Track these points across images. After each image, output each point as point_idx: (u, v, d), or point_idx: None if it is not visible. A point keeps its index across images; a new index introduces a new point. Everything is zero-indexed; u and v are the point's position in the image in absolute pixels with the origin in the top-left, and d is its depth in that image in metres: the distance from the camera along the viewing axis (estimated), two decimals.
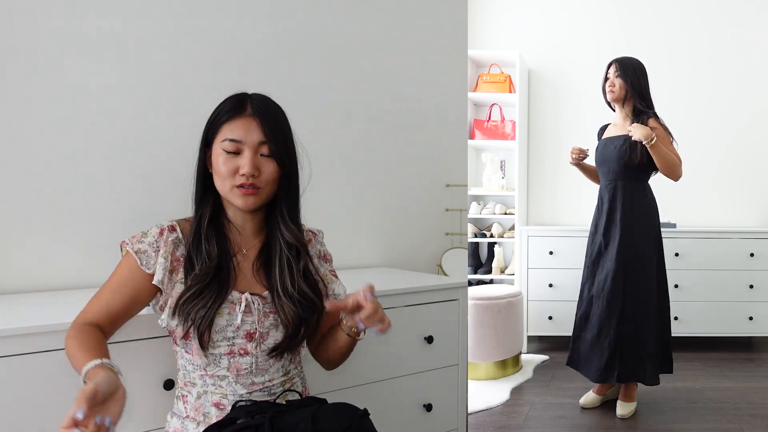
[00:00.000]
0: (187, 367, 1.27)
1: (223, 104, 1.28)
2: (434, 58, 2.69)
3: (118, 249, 1.30)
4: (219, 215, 1.32)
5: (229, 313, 1.24)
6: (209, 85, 2.04)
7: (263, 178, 1.25)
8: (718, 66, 3.55)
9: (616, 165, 2.37)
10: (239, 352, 1.25)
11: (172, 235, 1.28)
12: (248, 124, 1.24)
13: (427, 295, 1.94)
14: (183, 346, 1.26)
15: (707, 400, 2.58)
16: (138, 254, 1.25)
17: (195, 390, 1.27)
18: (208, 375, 1.25)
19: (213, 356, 1.24)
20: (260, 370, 1.27)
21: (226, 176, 1.23)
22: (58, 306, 1.53)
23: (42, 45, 1.78)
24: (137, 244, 1.26)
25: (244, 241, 1.33)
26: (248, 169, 1.22)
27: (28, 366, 1.30)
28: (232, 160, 1.23)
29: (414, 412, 1.93)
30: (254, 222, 1.33)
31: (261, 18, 2.18)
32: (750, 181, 3.57)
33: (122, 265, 1.27)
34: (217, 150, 1.25)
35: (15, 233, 1.73)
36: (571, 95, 3.58)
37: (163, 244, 1.26)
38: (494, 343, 2.80)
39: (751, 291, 3.27)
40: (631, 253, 2.33)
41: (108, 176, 1.89)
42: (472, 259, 3.61)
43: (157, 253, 1.26)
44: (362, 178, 2.46)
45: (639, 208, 2.37)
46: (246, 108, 1.25)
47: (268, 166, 1.25)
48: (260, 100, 1.28)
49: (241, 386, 1.25)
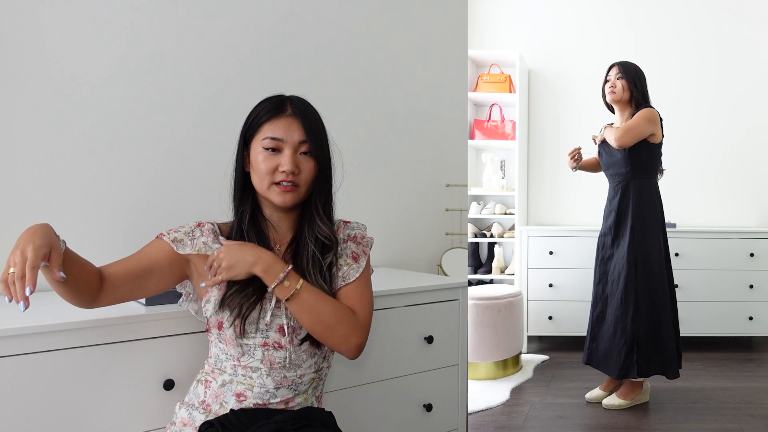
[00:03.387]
0: (220, 356, 1.29)
1: (262, 105, 1.32)
2: (434, 58, 2.69)
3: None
4: (257, 214, 1.35)
5: (263, 307, 1.27)
6: (209, 85, 2.05)
7: (302, 177, 1.28)
8: (719, 66, 3.55)
9: (623, 167, 2.42)
10: (273, 345, 1.27)
11: (210, 226, 1.33)
12: (289, 124, 1.28)
13: (427, 295, 1.94)
14: (218, 336, 1.28)
15: (707, 400, 2.58)
16: (174, 242, 1.29)
17: (221, 378, 1.29)
18: (241, 365, 1.27)
19: (247, 346, 1.26)
20: (293, 365, 1.28)
21: (266, 174, 1.27)
22: (58, 306, 1.52)
23: (38, 40, 1.78)
24: (173, 234, 1.30)
25: (279, 238, 1.36)
26: (289, 166, 1.25)
27: (29, 366, 1.30)
28: (272, 158, 1.27)
29: (414, 412, 1.93)
30: (289, 220, 1.36)
31: (260, 18, 2.18)
32: (750, 181, 3.57)
33: (153, 242, 1.31)
34: (257, 148, 1.28)
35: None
36: (571, 95, 3.58)
37: (204, 233, 1.31)
38: (494, 343, 2.80)
39: (751, 291, 3.27)
40: (643, 250, 2.39)
41: (108, 176, 1.89)
42: (472, 259, 3.61)
43: (192, 240, 1.30)
44: (362, 178, 2.46)
45: (649, 206, 2.43)
46: (286, 108, 1.29)
47: (307, 165, 1.29)
48: (299, 101, 1.32)
49: (271, 380, 1.27)
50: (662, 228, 2.46)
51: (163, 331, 1.46)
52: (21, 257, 1.01)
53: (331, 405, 1.65)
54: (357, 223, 1.44)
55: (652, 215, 2.42)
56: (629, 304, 2.37)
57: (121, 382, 1.40)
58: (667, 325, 2.39)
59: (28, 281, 0.99)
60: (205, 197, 1.96)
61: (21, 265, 1.00)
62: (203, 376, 1.34)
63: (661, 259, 2.42)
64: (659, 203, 2.47)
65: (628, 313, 2.37)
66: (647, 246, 2.39)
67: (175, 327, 1.47)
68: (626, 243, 2.39)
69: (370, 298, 1.35)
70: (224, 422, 1.24)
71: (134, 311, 1.45)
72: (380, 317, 1.82)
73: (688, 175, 3.56)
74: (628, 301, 2.37)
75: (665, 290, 2.41)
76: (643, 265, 2.38)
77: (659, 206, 2.46)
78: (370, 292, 1.36)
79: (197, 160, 2.03)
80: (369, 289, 1.36)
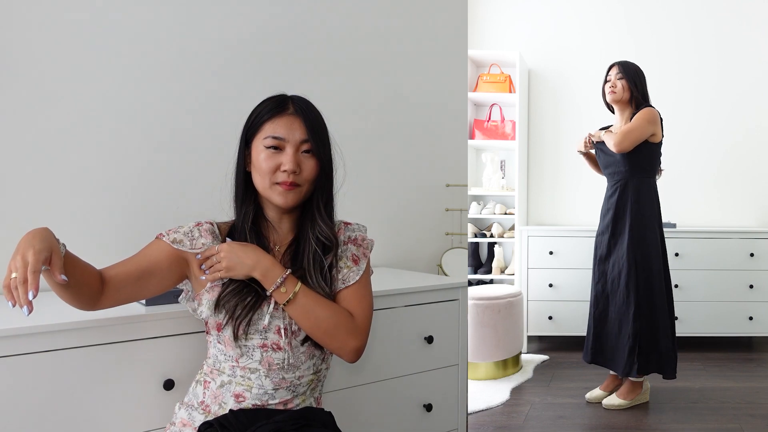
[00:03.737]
0: (219, 356, 1.29)
1: (263, 104, 1.31)
2: (434, 58, 2.69)
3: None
4: (259, 215, 1.35)
5: (261, 308, 1.27)
6: (207, 85, 2.04)
7: (303, 176, 1.28)
8: (719, 66, 3.55)
9: (622, 166, 2.43)
10: (272, 346, 1.26)
11: (209, 227, 1.32)
12: (291, 122, 1.27)
13: (427, 295, 1.94)
14: (216, 337, 1.28)
15: (707, 400, 2.58)
16: (173, 243, 1.28)
17: (220, 378, 1.29)
18: (240, 366, 1.27)
19: (246, 348, 1.26)
20: (292, 366, 1.28)
21: (267, 173, 1.26)
22: (58, 306, 1.52)
23: (36, 40, 1.78)
24: (173, 234, 1.30)
25: (278, 239, 1.36)
26: (290, 165, 1.25)
27: (29, 366, 1.30)
28: (273, 157, 1.26)
29: (414, 412, 1.93)
30: (290, 221, 1.36)
31: (260, 17, 2.18)
32: (750, 181, 3.57)
33: (152, 242, 1.30)
34: (259, 147, 1.27)
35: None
36: (571, 95, 3.58)
37: (202, 233, 1.30)
38: (494, 343, 2.80)
39: (751, 291, 3.27)
40: (642, 249, 2.40)
41: (108, 176, 1.89)
42: (472, 259, 3.61)
43: (192, 241, 1.29)
44: (362, 178, 2.46)
45: (647, 205, 2.43)
46: (288, 107, 1.29)
47: (309, 164, 1.28)
48: (301, 100, 1.32)
49: (269, 381, 1.27)
50: (660, 228, 2.47)
51: (163, 331, 1.46)
52: (22, 262, 1.01)
53: (330, 405, 1.65)
54: (358, 224, 1.43)
55: (650, 215, 2.43)
56: (630, 303, 2.38)
57: (121, 382, 1.40)
58: (664, 324, 2.40)
59: (31, 285, 0.99)
60: (205, 197, 1.96)
61: (22, 270, 1.00)
62: (202, 376, 1.33)
63: (659, 258, 2.43)
64: (657, 203, 2.48)
65: (629, 311, 2.38)
66: (647, 245, 2.40)
67: (175, 327, 1.47)
68: (626, 242, 2.40)
69: (370, 302, 1.35)
70: (224, 422, 1.24)
71: (134, 311, 1.45)
72: (380, 317, 1.82)
73: (688, 175, 3.56)
74: (629, 300, 2.39)
75: (663, 290, 2.42)
76: (643, 264, 2.39)
77: (657, 206, 2.47)
78: (369, 295, 1.35)
79: (197, 160, 2.03)
80: (369, 292, 1.36)
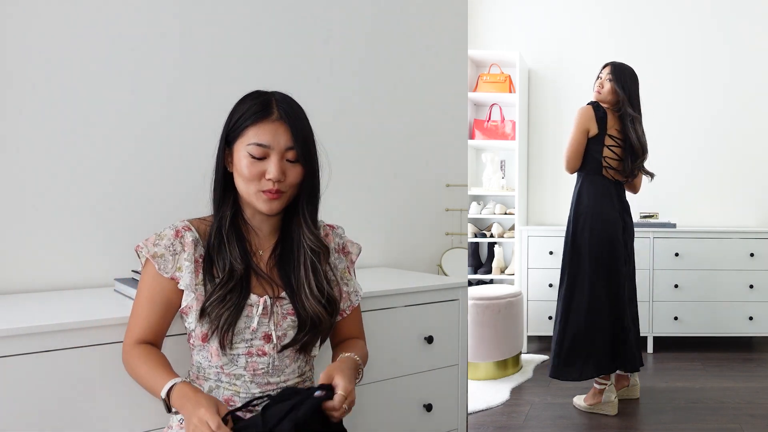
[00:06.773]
0: (203, 363, 1.28)
1: (245, 104, 1.26)
2: (434, 58, 2.69)
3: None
4: (237, 216, 1.31)
5: (248, 315, 1.25)
6: (206, 85, 2.04)
7: (288, 183, 1.24)
8: (720, 66, 3.55)
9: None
10: (257, 353, 1.26)
11: (189, 235, 1.28)
12: (276, 129, 1.22)
13: (427, 295, 1.94)
14: (200, 346, 1.26)
15: (707, 400, 2.58)
16: (155, 258, 1.24)
17: (207, 384, 1.28)
18: (224, 373, 1.26)
19: (231, 356, 1.25)
20: (276, 370, 1.28)
21: (251, 180, 1.23)
22: (57, 306, 1.53)
23: (33, 40, 1.78)
24: (153, 248, 1.25)
25: (260, 242, 1.33)
26: (275, 174, 1.21)
27: (28, 366, 1.29)
28: (257, 164, 1.22)
29: (414, 412, 1.93)
30: (271, 223, 1.33)
31: (258, 16, 2.18)
32: (750, 181, 3.57)
33: (146, 273, 1.27)
34: (242, 152, 1.23)
35: (15, 233, 1.74)
36: (571, 95, 3.58)
37: (185, 247, 1.26)
38: (494, 343, 2.80)
39: (751, 291, 3.27)
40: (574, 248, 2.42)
41: (108, 176, 1.89)
42: (472, 259, 3.61)
43: (174, 256, 1.25)
44: (362, 178, 2.46)
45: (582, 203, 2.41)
46: (272, 111, 1.24)
47: (294, 171, 1.25)
48: (285, 101, 1.26)
49: (255, 386, 1.26)
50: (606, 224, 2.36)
51: None
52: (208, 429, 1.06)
53: None
54: (339, 227, 1.43)
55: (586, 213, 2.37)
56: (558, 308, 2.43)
57: (121, 382, 1.39)
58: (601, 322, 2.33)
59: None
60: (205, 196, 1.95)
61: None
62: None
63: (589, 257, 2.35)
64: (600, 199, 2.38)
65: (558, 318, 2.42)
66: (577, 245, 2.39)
67: (175, 327, 1.46)
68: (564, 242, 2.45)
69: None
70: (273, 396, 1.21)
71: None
72: (380, 317, 1.82)
73: (688, 175, 3.56)
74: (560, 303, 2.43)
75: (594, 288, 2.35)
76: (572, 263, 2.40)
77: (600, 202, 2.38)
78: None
79: (197, 160, 2.03)
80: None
